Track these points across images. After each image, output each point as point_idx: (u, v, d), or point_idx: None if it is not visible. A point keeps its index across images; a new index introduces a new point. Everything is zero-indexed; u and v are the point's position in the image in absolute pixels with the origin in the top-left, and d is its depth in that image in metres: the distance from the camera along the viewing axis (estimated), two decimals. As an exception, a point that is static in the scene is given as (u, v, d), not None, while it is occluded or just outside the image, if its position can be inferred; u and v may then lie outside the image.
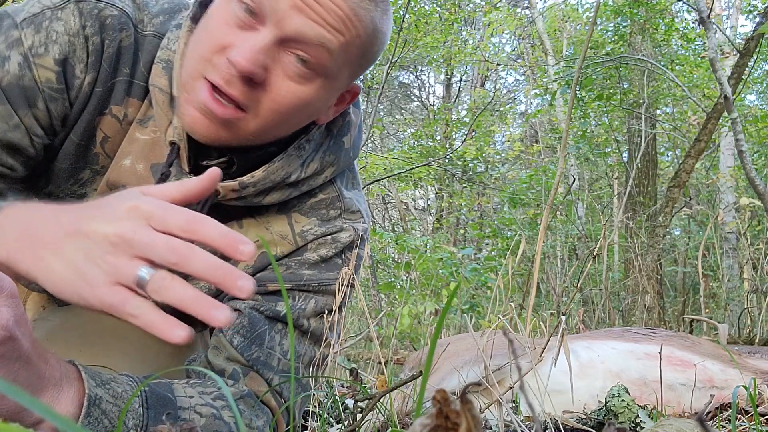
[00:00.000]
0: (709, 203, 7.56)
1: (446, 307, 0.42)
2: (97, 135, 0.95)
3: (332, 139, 1.02)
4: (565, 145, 2.68)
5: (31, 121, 0.88)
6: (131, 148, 0.96)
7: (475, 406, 0.38)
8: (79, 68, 0.89)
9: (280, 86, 0.83)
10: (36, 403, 0.24)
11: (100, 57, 0.90)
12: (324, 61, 0.83)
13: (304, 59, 0.82)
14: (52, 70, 0.87)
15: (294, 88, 0.84)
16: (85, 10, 0.88)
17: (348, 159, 1.06)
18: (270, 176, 0.93)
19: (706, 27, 3.47)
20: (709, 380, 1.39)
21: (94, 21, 0.88)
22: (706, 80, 7.56)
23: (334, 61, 0.84)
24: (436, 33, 9.34)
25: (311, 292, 1.01)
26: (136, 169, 0.96)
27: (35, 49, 0.86)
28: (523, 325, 1.38)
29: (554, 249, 6.94)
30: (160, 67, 0.90)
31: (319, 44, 0.81)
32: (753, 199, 4.04)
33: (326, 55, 0.82)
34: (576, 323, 3.31)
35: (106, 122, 0.94)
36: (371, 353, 3.79)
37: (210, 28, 0.83)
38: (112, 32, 0.90)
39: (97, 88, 0.91)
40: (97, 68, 0.90)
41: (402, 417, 1.13)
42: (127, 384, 0.77)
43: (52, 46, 0.87)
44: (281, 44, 0.81)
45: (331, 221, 1.04)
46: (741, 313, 3.27)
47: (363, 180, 7.53)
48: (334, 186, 1.06)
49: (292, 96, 0.84)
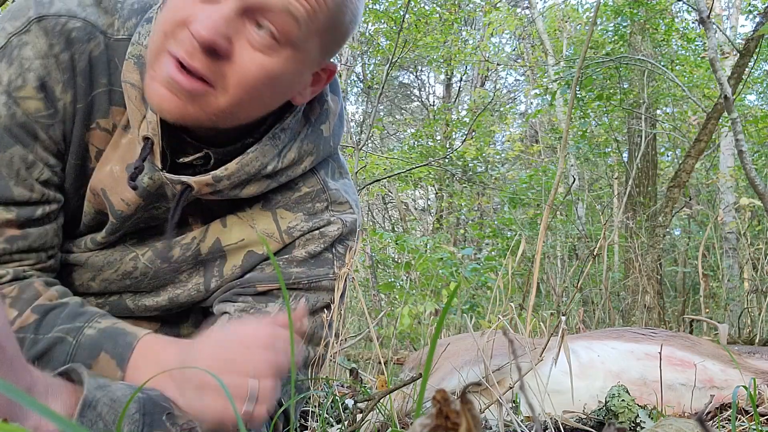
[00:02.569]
0: (709, 203, 7.56)
1: (446, 307, 0.42)
2: (90, 150, 0.94)
3: (310, 127, 0.99)
4: (565, 145, 2.68)
5: (43, 154, 0.88)
6: (114, 155, 0.94)
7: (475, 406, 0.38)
8: (58, 90, 0.88)
9: (245, 58, 0.80)
10: (35, 403, 0.24)
11: (73, 73, 0.88)
12: (290, 28, 0.80)
13: (269, 29, 0.79)
14: (36, 98, 0.86)
15: (260, 59, 0.81)
16: (49, 28, 0.86)
17: (328, 147, 1.03)
18: (244, 168, 0.91)
19: (706, 27, 3.47)
20: (709, 380, 1.39)
21: (59, 38, 0.87)
22: (706, 80, 7.56)
23: (300, 29, 0.81)
24: (436, 33, 9.33)
25: (302, 290, 0.98)
26: (112, 171, 0.94)
27: (13, 84, 0.85)
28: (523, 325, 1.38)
29: (554, 249, 6.93)
30: (131, 63, 0.88)
31: (285, 11, 0.78)
32: (753, 199, 4.04)
33: (293, 22, 0.80)
34: (576, 323, 3.31)
35: (95, 136, 0.93)
36: (371, 353, 3.79)
37: (173, 4, 0.81)
38: (80, 45, 0.88)
39: (79, 104, 0.90)
40: (73, 85, 0.89)
41: (402, 417, 1.13)
42: (124, 389, 0.76)
43: (27, 75, 0.86)
44: (245, 14, 0.79)
45: (317, 215, 1.01)
46: (741, 313, 3.27)
47: (363, 180, 7.53)
48: (317, 177, 1.02)
49: (260, 67, 0.81)
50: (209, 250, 1.00)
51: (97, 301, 1.08)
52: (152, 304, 1.05)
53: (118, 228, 0.98)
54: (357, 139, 6.69)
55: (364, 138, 7.04)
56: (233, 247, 1.00)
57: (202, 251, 1.00)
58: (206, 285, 1.01)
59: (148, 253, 1.00)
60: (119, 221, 0.97)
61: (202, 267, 1.01)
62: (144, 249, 1.01)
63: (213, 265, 1.01)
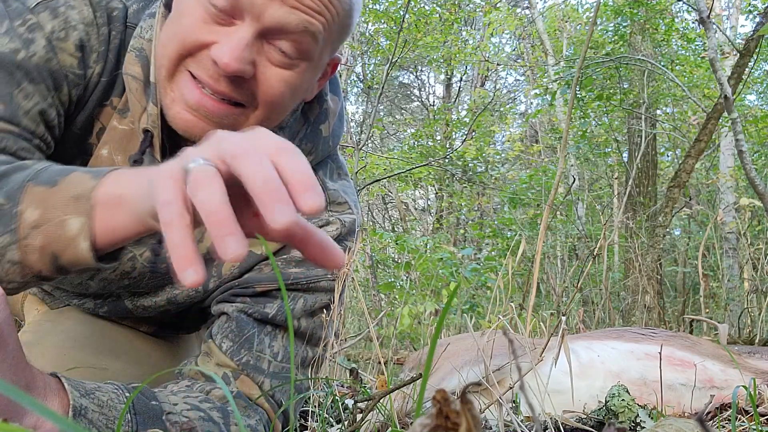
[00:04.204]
0: (709, 203, 7.56)
1: (446, 307, 0.42)
2: (95, 126, 0.94)
3: (309, 126, 0.99)
4: (565, 145, 2.68)
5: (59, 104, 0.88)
6: (109, 138, 0.95)
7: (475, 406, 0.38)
8: (92, 57, 0.89)
9: (268, 75, 0.81)
10: (36, 403, 0.24)
11: (107, 48, 0.90)
12: (308, 45, 0.81)
13: (288, 47, 0.80)
14: (74, 56, 0.87)
15: (282, 74, 0.82)
16: (95, 1, 0.88)
17: (327, 147, 1.03)
18: None
19: (706, 27, 3.47)
20: (709, 380, 1.39)
21: (102, 12, 0.89)
22: (706, 80, 7.56)
23: (317, 44, 0.82)
24: (436, 33, 9.33)
25: (300, 291, 0.98)
26: (114, 160, 0.94)
27: (56, 34, 0.86)
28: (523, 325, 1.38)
29: (554, 249, 6.94)
30: (133, 56, 0.89)
31: (303, 31, 0.79)
32: (753, 199, 4.04)
33: (310, 39, 0.81)
34: (576, 323, 3.31)
35: (105, 113, 0.94)
36: (371, 353, 3.79)
37: (185, 25, 0.80)
38: (117, 24, 0.90)
39: (103, 78, 0.91)
40: (104, 59, 0.90)
41: (402, 417, 1.13)
42: (111, 392, 0.76)
43: (71, 32, 0.87)
44: (264, 36, 0.79)
45: (315, 215, 1.02)
46: (741, 313, 3.27)
47: (363, 180, 7.53)
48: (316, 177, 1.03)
49: (283, 83, 0.83)
50: (207, 250, 1.00)
51: (96, 302, 1.08)
52: (151, 305, 1.04)
53: None
54: (357, 139, 6.69)
55: (364, 138, 7.04)
56: None
57: (201, 251, 1.00)
58: (204, 285, 1.01)
59: (146, 253, 1.00)
60: None
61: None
62: (142, 249, 1.01)
63: (211, 266, 1.01)
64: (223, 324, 0.96)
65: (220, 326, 0.96)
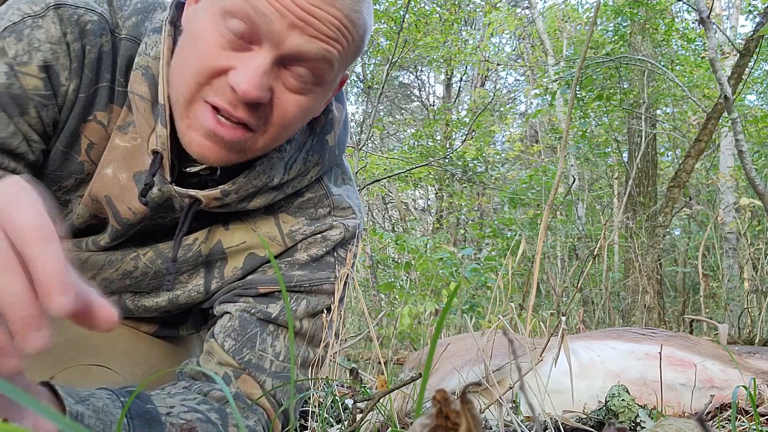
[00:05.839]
0: (709, 203, 7.56)
1: (446, 307, 0.42)
2: (82, 142, 0.94)
3: (315, 137, 1.00)
4: (565, 145, 2.68)
5: (26, 128, 0.88)
6: (111, 156, 0.94)
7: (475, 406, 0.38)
8: (64, 76, 0.88)
9: (284, 100, 0.82)
10: (36, 403, 0.24)
11: (81, 63, 0.89)
12: (324, 72, 0.82)
13: (305, 73, 0.81)
14: (38, 77, 0.87)
15: (297, 99, 0.83)
16: (65, 17, 0.87)
17: (333, 157, 1.04)
18: (252, 182, 0.92)
19: (706, 27, 3.47)
20: (709, 380, 1.39)
21: (74, 27, 0.88)
22: (706, 80, 7.56)
23: (334, 69, 0.83)
24: (436, 33, 9.33)
25: (303, 293, 0.99)
26: (119, 178, 0.94)
27: (19, 58, 0.86)
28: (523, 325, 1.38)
29: (554, 249, 6.94)
30: (139, 74, 0.88)
31: (321, 59, 0.80)
32: (753, 199, 4.04)
33: (326, 66, 0.82)
34: (576, 323, 3.31)
35: (90, 129, 0.93)
36: (371, 353, 3.79)
37: (201, 52, 0.80)
38: (92, 37, 0.89)
39: (81, 94, 0.90)
40: (79, 74, 0.89)
41: (402, 417, 1.13)
42: (106, 398, 0.76)
43: (34, 54, 0.86)
44: (280, 62, 0.80)
45: (320, 219, 1.02)
46: (741, 313, 3.27)
47: (363, 180, 7.53)
48: (321, 184, 1.04)
49: (297, 107, 0.84)
50: (210, 251, 1.00)
51: None
52: (152, 305, 1.05)
53: (122, 234, 0.98)
54: (357, 139, 6.69)
55: (364, 138, 7.03)
56: (234, 249, 1.00)
57: (203, 253, 1.00)
58: (206, 286, 1.02)
59: (149, 253, 1.01)
60: (124, 228, 0.97)
61: (203, 268, 1.01)
62: (145, 249, 1.01)
63: (214, 267, 1.01)
64: (225, 323, 0.97)
65: (223, 325, 0.97)
